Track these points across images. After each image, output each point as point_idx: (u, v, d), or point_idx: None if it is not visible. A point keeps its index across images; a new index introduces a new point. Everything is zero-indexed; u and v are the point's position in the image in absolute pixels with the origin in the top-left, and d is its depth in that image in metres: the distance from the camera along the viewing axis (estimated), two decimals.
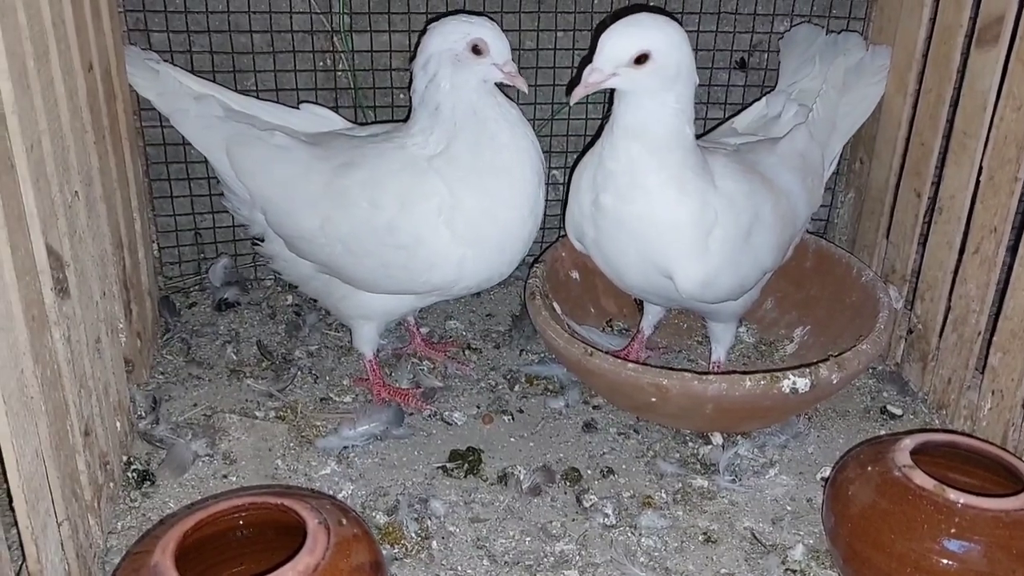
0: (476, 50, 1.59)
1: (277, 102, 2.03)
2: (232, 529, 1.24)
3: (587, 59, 1.55)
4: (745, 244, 1.67)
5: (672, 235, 1.60)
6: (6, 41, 1.12)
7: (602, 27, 1.54)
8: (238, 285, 2.21)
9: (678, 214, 1.59)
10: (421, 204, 1.63)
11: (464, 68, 1.60)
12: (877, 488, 1.38)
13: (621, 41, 1.49)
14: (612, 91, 1.58)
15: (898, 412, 1.90)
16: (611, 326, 2.17)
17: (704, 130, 2.22)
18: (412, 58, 1.68)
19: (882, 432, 1.85)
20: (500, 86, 1.68)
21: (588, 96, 2.14)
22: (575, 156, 2.22)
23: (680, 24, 2.08)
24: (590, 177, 1.66)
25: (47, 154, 1.27)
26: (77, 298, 1.37)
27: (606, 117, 1.61)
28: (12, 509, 1.14)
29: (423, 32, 1.65)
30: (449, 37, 1.59)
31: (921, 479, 1.35)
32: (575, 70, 2.16)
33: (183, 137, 1.85)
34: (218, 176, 1.84)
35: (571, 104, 1.57)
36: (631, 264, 1.68)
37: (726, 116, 2.23)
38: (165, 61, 1.90)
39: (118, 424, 1.60)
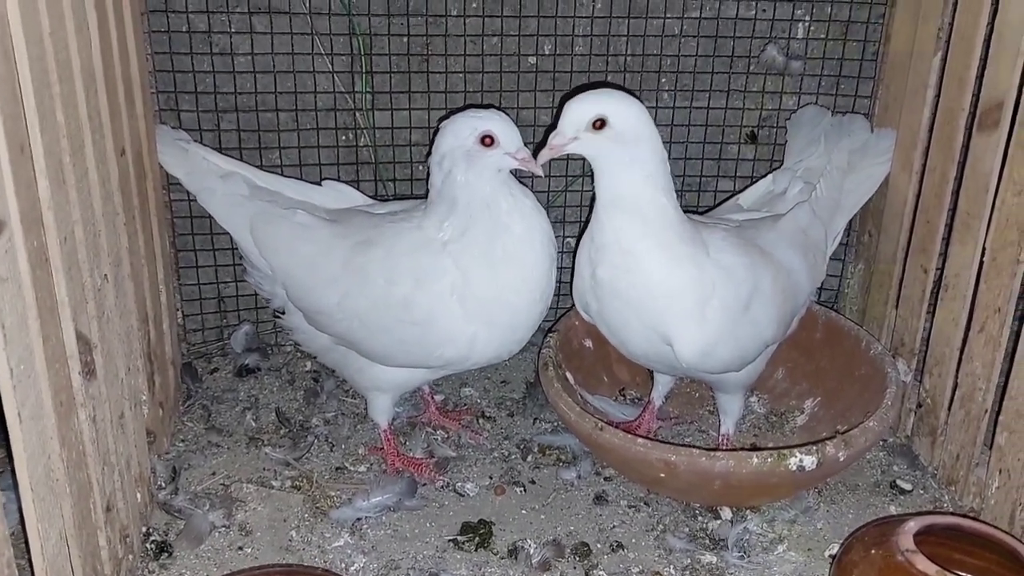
0: (486, 142, 1.64)
1: (301, 177, 2.11)
2: None
3: (551, 127, 1.64)
4: (744, 316, 1.70)
5: (668, 301, 1.65)
6: (44, 142, 1.18)
7: (566, 98, 1.64)
8: (259, 351, 2.27)
9: (672, 279, 1.64)
10: (435, 283, 1.68)
11: (477, 161, 1.65)
12: (880, 572, 1.39)
13: (581, 107, 1.60)
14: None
15: (908, 487, 1.90)
16: (624, 395, 2.20)
17: (714, 202, 2.28)
18: (429, 150, 1.74)
19: (892, 508, 1.85)
20: (516, 172, 1.73)
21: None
22: (583, 228, 2.28)
23: (690, 99, 2.20)
24: (587, 253, 1.73)
25: (79, 243, 1.32)
26: (103, 377, 1.41)
27: None
28: None
29: (436, 130, 1.72)
30: (460, 134, 1.65)
31: (924, 564, 1.36)
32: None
33: None
34: (241, 252, 1.91)
35: (538, 164, 1.65)
36: (633, 333, 1.72)
37: (736, 188, 2.28)
38: (194, 139, 1.99)
39: (138, 496, 1.64)
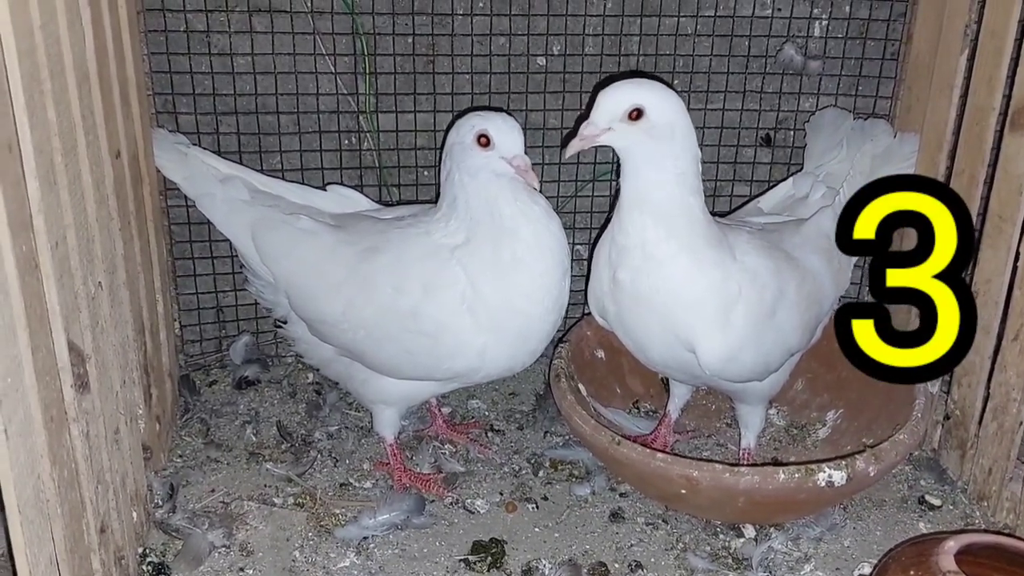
0: (482, 142, 1.57)
1: (303, 181, 2.03)
2: None
3: (583, 116, 1.56)
4: (770, 321, 1.63)
5: (692, 306, 1.58)
6: (35, 140, 1.11)
7: (600, 87, 1.56)
8: (259, 363, 2.18)
9: (697, 284, 1.57)
10: (444, 291, 1.61)
11: (473, 161, 1.59)
12: None
13: (617, 95, 1.52)
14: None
15: (937, 503, 1.82)
16: (637, 407, 2.12)
17: (730, 207, 2.21)
18: (436, 154, 1.69)
19: (921, 525, 1.78)
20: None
21: (612, 174, 2.18)
22: (599, 232, 2.21)
23: (705, 100, 2.13)
24: (606, 254, 1.66)
25: (72, 248, 1.25)
26: (97, 391, 1.34)
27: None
28: None
29: (451, 124, 1.66)
30: (460, 130, 1.61)
31: None
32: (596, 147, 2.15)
33: None
34: (242, 259, 1.83)
35: (566, 157, 1.58)
36: (654, 338, 1.65)
37: (752, 193, 2.21)
38: (193, 143, 1.91)
39: (134, 515, 1.56)
